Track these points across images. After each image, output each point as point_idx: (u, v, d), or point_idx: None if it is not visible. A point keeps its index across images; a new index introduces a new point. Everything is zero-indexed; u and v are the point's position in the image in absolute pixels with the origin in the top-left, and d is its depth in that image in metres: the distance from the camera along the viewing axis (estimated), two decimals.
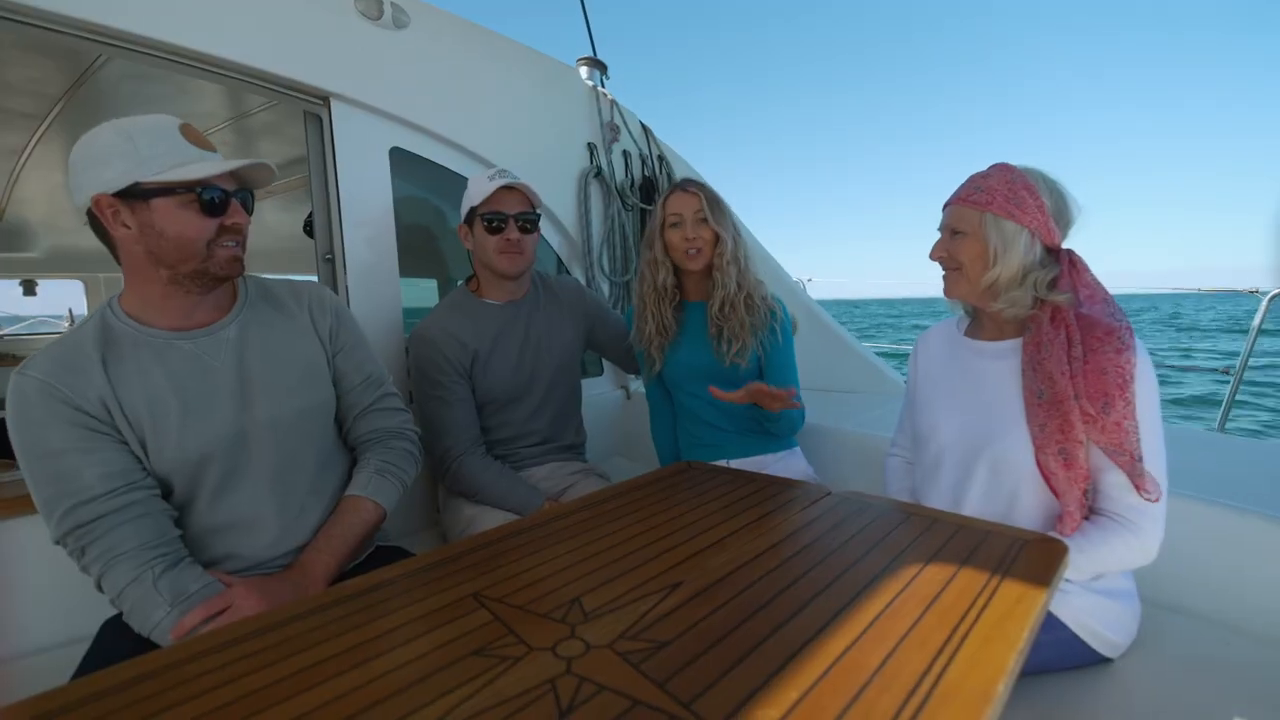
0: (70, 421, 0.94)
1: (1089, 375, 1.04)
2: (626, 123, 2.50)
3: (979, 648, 0.62)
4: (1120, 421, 1.02)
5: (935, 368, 1.32)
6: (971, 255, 1.14)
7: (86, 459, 0.94)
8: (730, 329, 1.56)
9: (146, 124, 0.98)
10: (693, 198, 1.57)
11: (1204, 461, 1.48)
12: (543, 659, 0.64)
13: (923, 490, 1.28)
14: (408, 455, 1.28)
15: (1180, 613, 1.25)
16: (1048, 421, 1.06)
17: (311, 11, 1.63)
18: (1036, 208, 1.10)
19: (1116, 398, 1.02)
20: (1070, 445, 1.04)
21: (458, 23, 1.96)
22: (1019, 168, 1.14)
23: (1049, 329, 1.09)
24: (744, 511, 1.05)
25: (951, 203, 1.18)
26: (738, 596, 0.75)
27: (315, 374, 1.18)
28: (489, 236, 1.55)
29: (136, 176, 0.95)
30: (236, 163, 1.01)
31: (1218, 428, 2.78)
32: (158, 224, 0.97)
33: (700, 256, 1.57)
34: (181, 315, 1.06)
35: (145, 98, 2.26)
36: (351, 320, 1.28)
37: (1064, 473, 1.05)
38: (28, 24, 1.29)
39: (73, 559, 0.96)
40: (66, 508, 0.93)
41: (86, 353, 0.97)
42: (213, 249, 1.01)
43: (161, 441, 1.00)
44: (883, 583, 0.77)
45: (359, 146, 1.74)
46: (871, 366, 2.62)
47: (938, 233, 1.22)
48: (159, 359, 1.02)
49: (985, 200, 1.12)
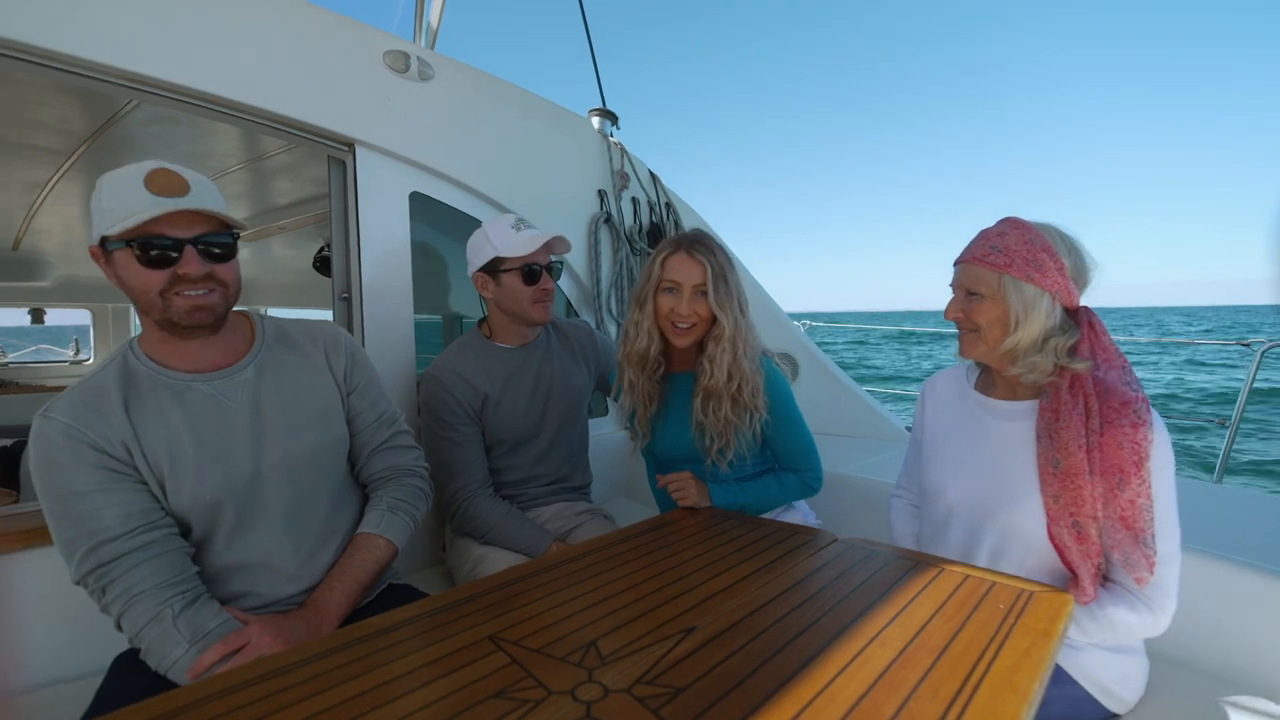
0: (93, 464, 0.95)
1: (1105, 449, 1.01)
2: (636, 170, 2.59)
3: (991, 698, 0.64)
4: (1134, 499, 0.99)
5: (944, 419, 1.29)
6: (990, 319, 1.10)
7: (107, 499, 0.96)
8: (713, 426, 1.39)
9: (118, 175, 0.97)
10: (697, 266, 1.36)
11: (1203, 514, 1.50)
12: (562, 703, 0.65)
13: (930, 545, 1.28)
14: (419, 492, 1.29)
15: (1188, 668, 1.25)
16: (1061, 493, 1.04)
17: (341, 63, 1.71)
18: (1057, 270, 1.07)
19: (1131, 475, 0.99)
20: (1083, 519, 1.02)
21: (479, 75, 2.05)
22: (1034, 226, 1.10)
23: (1067, 397, 1.05)
24: (754, 556, 1.06)
25: (966, 261, 1.14)
26: (752, 642, 0.76)
27: (329, 413, 1.19)
28: (524, 288, 1.57)
29: (101, 230, 0.96)
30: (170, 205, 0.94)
31: (1215, 480, 2.79)
32: (121, 276, 0.98)
33: (690, 334, 1.38)
34: (197, 358, 1.07)
35: (167, 139, 2.34)
36: (365, 360, 1.29)
37: (1077, 546, 1.03)
38: (63, 70, 1.34)
39: (93, 599, 0.96)
40: (88, 548, 0.94)
41: (109, 395, 0.99)
42: (168, 299, 0.98)
43: (179, 482, 1.01)
44: (893, 631, 0.79)
45: (380, 191, 1.80)
46: (871, 411, 2.64)
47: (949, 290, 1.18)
48: (178, 401, 1.04)
49: (1004, 262, 1.08)
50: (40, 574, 1.26)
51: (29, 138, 2.29)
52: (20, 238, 3.57)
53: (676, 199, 2.70)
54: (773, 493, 1.49)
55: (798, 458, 1.51)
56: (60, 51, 1.30)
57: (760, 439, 1.49)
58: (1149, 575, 1.00)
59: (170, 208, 0.94)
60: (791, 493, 1.51)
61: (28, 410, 1.02)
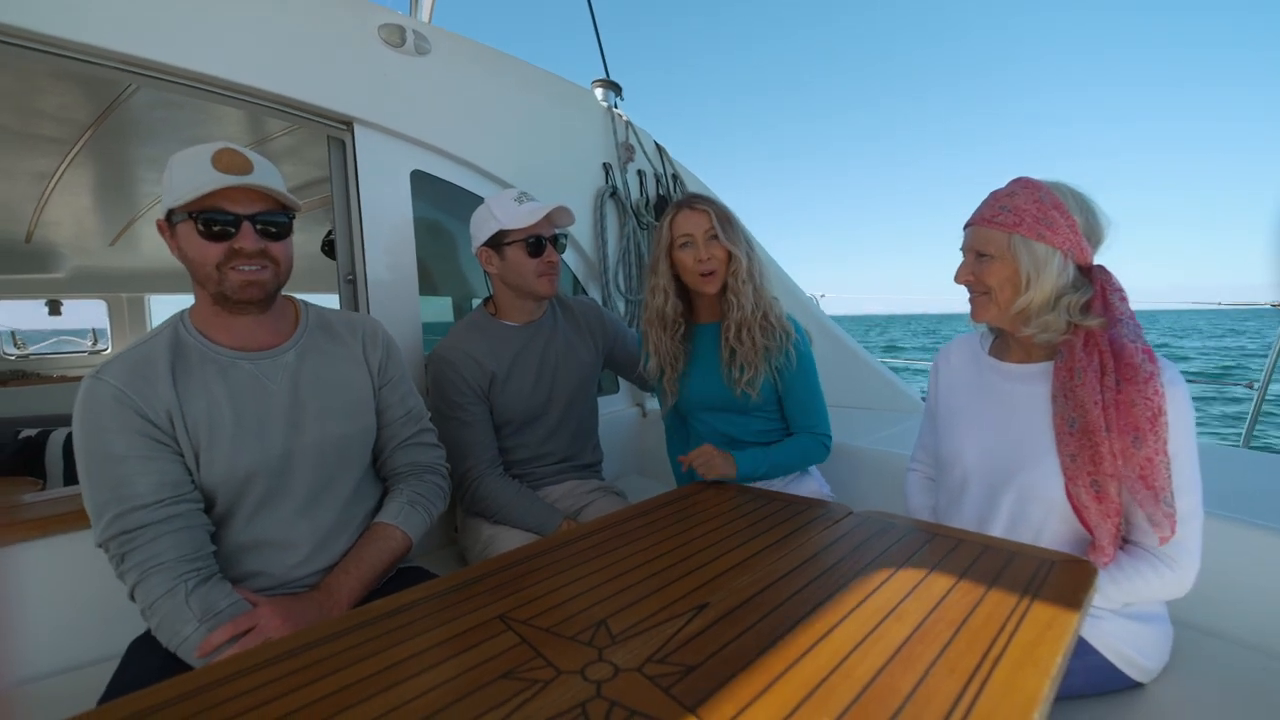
0: (136, 430, 0.98)
1: (1120, 407, 1.00)
2: (641, 142, 2.53)
3: (1012, 673, 0.62)
4: (1151, 457, 0.98)
5: (958, 387, 1.28)
6: (1001, 279, 1.09)
7: (144, 467, 0.98)
8: (744, 354, 1.48)
9: (188, 152, 1.02)
10: (702, 215, 1.48)
11: (1230, 479, 1.46)
12: (572, 682, 0.64)
13: (946, 514, 1.26)
14: (438, 490, 1.31)
15: (1213, 635, 1.23)
16: (1079, 452, 1.03)
17: (336, 40, 1.67)
18: (1068, 227, 1.05)
19: (1147, 431, 0.98)
20: (1102, 478, 1.01)
21: (477, 48, 2.00)
22: (1045, 183, 1.08)
23: (1082, 355, 1.04)
24: (767, 531, 1.05)
25: (975, 223, 1.13)
26: (765, 618, 0.75)
27: (361, 403, 1.23)
28: (528, 260, 1.56)
29: (168, 203, 1.02)
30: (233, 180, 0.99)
31: (1242, 443, 2.73)
32: (182, 247, 1.04)
33: (715, 277, 1.49)
34: (244, 336, 1.11)
35: (171, 124, 2.33)
36: (399, 355, 1.32)
37: (1096, 505, 1.01)
38: (62, 55, 1.33)
39: (111, 564, 0.98)
40: (116, 513, 0.96)
41: (158, 363, 1.02)
42: (224, 272, 1.03)
43: (214, 455, 1.04)
44: (910, 605, 0.77)
45: (381, 170, 1.78)
46: (886, 382, 2.61)
47: (960, 254, 1.17)
48: (222, 376, 1.07)
49: (1013, 221, 1.06)
50: (61, 560, 1.28)
51: (32, 127, 2.29)
52: (32, 230, 3.60)
53: (684, 170, 2.65)
54: (792, 455, 1.53)
55: (811, 415, 1.57)
56: (57, 36, 1.29)
57: (776, 395, 1.56)
58: (1170, 533, 0.99)
59: (232, 183, 0.99)
60: (809, 454, 1.55)
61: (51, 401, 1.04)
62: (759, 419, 1.59)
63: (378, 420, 1.26)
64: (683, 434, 1.76)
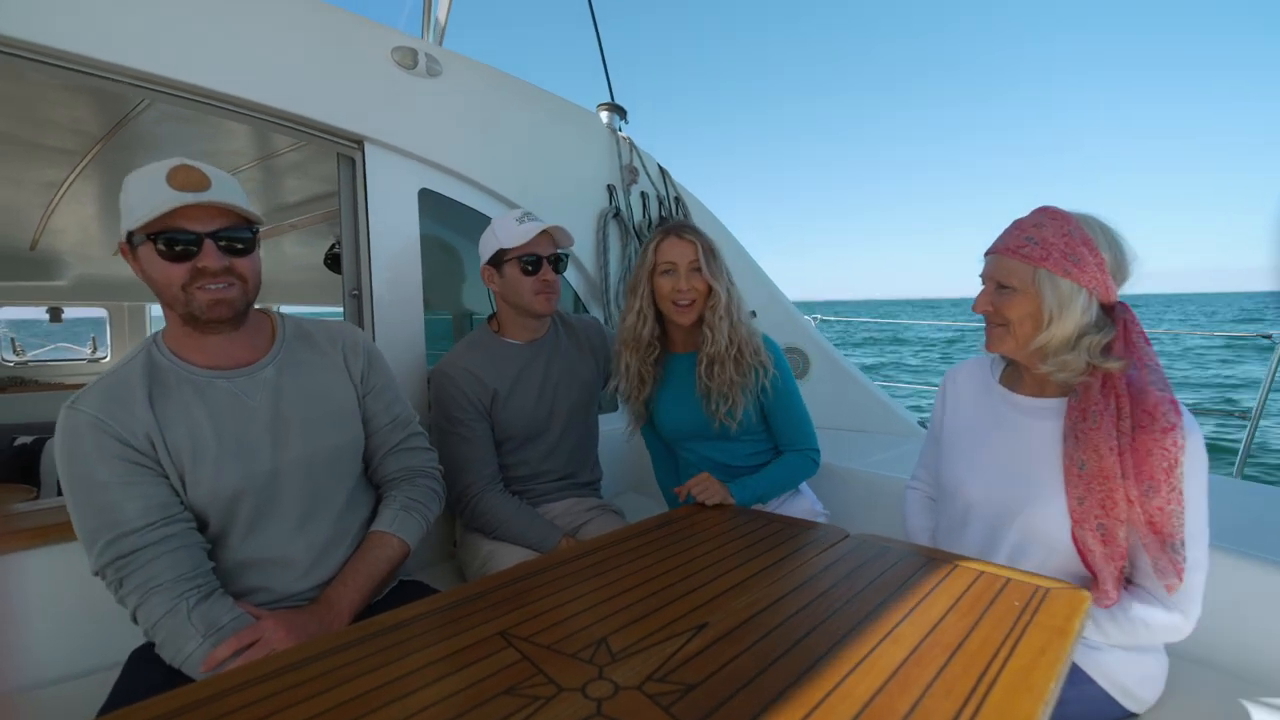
0: (117, 456, 0.97)
1: (1136, 454, 0.97)
2: (645, 165, 2.57)
3: (1006, 698, 0.63)
4: (1164, 506, 0.96)
5: (965, 412, 1.25)
6: (1021, 314, 1.05)
7: (129, 492, 0.97)
8: (718, 388, 1.48)
9: (142, 172, 1.00)
10: (688, 245, 1.49)
11: (1225, 510, 1.47)
12: (573, 700, 0.65)
13: (946, 543, 1.25)
14: (432, 493, 1.31)
15: (1208, 666, 1.23)
16: (1087, 495, 1.00)
17: (350, 60, 1.71)
18: (1096, 265, 1.01)
19: (1162, 482, 0.95)
20: (1110, 522, 0.99)
21: (487, 71, 2.05)
22: (1074, 216, 1.04)
23: (1099, 398, 1.01)
24: (764, 553, 1.06)
25: (998, 251, 1.09)
26: (763, 639, 0.76)
27: (346, 414, 1.21)
28: (524, 278, 1.58)
29: (126, 225, 0.99)
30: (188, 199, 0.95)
31: (1235, 474, 2.75)
32: (145, 270, 1.01)
33: (692, 309, 1.49)
34: (219, 354, 1.09)
35: (181, 139, 2.35)
36: (382, 362, 1.31)
37: (1101, 549, 1.00)
38: (76, 70, 1.35)
39: (110, 590, 0.98)
40: (108, 539, 0.96)
41: (134, 388, 1.01)
42: (190, 293, 1.00)
43: (199, 476, 1.03)
44: (906, 628, 0.78)
45: (390, 188, 1.80)
46: (882, 405, 2.62)
47: (980, 281, 1.14)
48: (200, 397, 1.05)
49: (1040, 255, 1.02)
50: (59, 569, 1.28)
51: (43, 138, 2.31)
52: (37, 238, 3.61)
53: (686, 193, 2.69)
54: (784, 474, 1.56)
55: (797, 434, 1.59)
56: (71, 51, 1.31)
57: (761, 416, 1.58)
58: (1178, 581, 0.97)
59: (188, 201, 0.96)
60: (800, 470, 1.58)
61: (47, 408, 1.04)
62: (747, 443, 1.61)
63: (365, 429, 1.25)
64: (670, 462, 1.76)
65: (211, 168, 1.02)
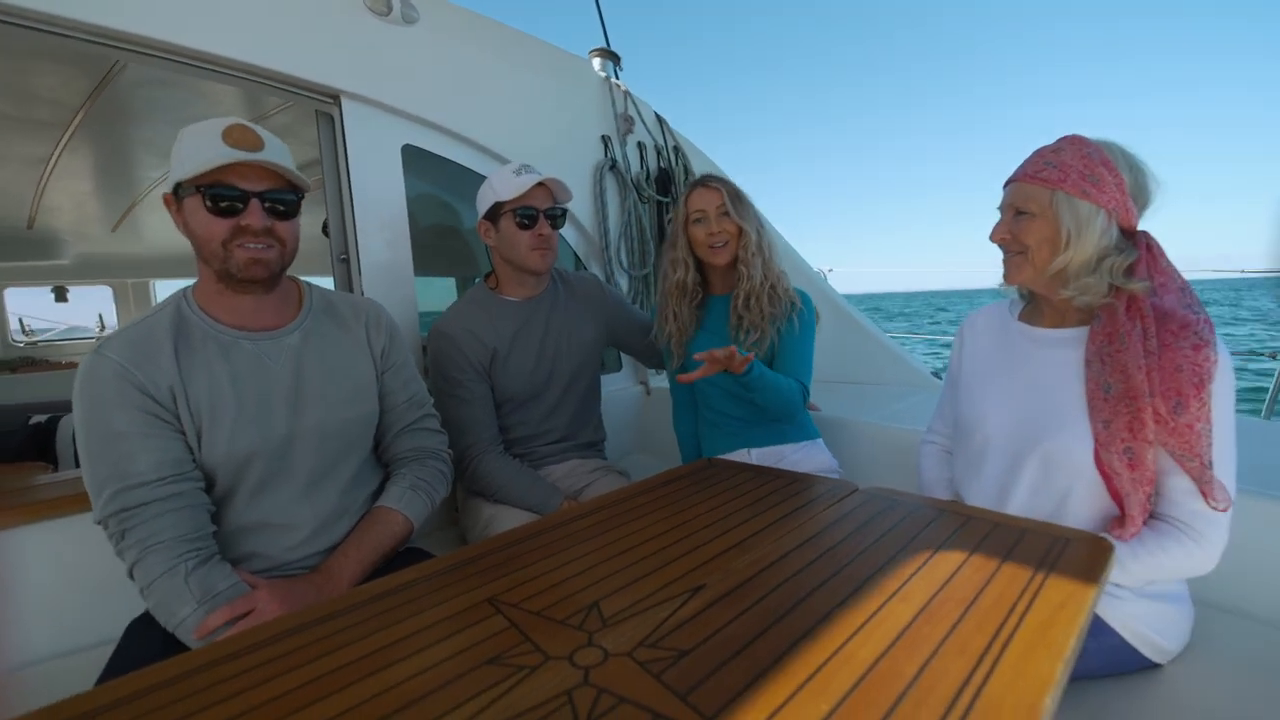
0: (138, 406, 0.97)
1: (1163, 372, 0.96)
2: (641, 114, 2.46)
3: (1022, 656, 0.58)
4: (1193, 424, 0.93)
5: (984, 352, 1.23)
6: (1039, 238, 1.04)
7: (145, 444, 0.97)
8: (750, 319, 1.57)
9: (198, 126, 1.02)
10: (714, 193, 1.59)
11: (1252, 451, 1.40)
12: (559, 668, 0.61)
13: (963, 482, 1.22)
14: (440, 475, 1.31)
15: (1234, 614, 1.19)
16: (1114, 418, 0.98)
17: (319, 9, 1.61)
18: (1115, 185, 1.00)
19: (1191, 398, 0.93)
20: (1138, 445, 0.96)
21: (467, 16, 1.94)
22: (1094, 141, 1.03)
23: (1125, 319, 0.99)
24: (768, 510, 1.01)
25: (1016, 179, 1.07)
26: (763, 600, 0.72)
27: (364, 388, 1.22)
28: (520, 232, 1.52)
29: (176, 176, 1.01)
30: (242, 156, 0.98)
31: (1264, 415, 2.67)
32: (188, 222, 1.03)
33: (725, 250, 1.59)
34: (247, 315, 1.10)
35: (164, 104, 2.28)
36: (403, 340, 1.32)
37: (1129, 474, 0.97)
38: (46, 31, 1.30)
39: (110, 541, 0.97)
40: (115, 489, 0.95)
41: (161, 340, 1.01)
42: (229, 250, 1.02)
43: (215, 435, 1.03)
44: (916, 585, 0.73)
45: (371, 145, 1.73)
46: (896, 357, 2.56)
47: (998, 212, 1.12)
48: (224, 355, 1.06)
49: (1057, 178, 1.01)
50: (72, 540, 1.27)
51: (23, 110, 2.26)
52: (33, 216, 3.59)
53: (685, 142, 2.58)
54: (780, 383, 1.54)
55: (799, 370, 1.62)
56: (39, 10, 1.26)
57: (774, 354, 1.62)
58: (1222, 501, 0.95)
59: (240, 158, 0.98)
60: (791, 393, 1.57)
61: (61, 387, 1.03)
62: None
63: (380, 405, 1.26)
64: (690, 403, 1.79)
65: (266, 131, 1.04)
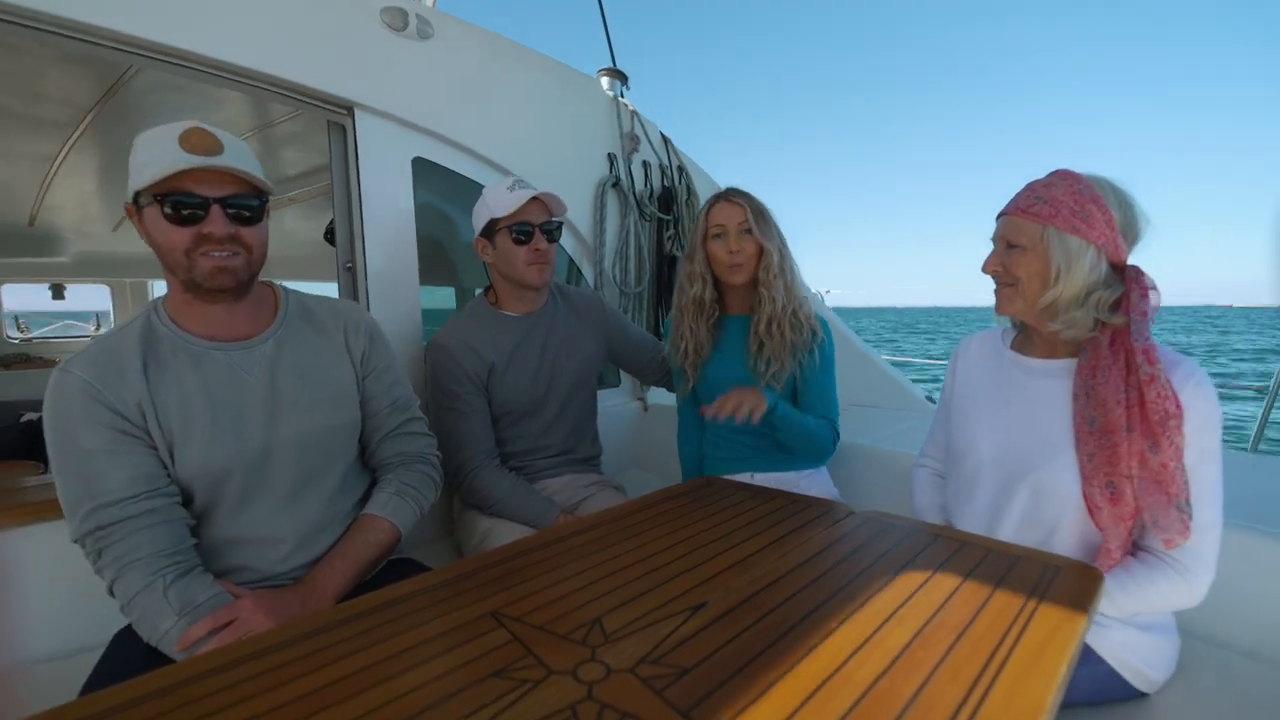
0: (106, 424, 0.95)
1: (1143, 409, 0.97)
2: (647, 133, 2.50)
3: (1016, 681, 0.60)
4: (1165, 463, 0.95)
5: (977, 379, 1.25)
6: (1029, 272, 1.06)
7: (115, 461, 0.95)
8: (772, 348, 1.50)
9: (154, 132, 0.98)
10: (737, 208, 1.51)
11: (1239, 484, 1.43)
12: (563, 683, 0.62)
13: (955, 509, 1.23)
14: (427, 479, 1.28)
15: (1220, 646, 1.21)
16: (1096, 452, 1.00)
17: (337, 23, 1.64)
18: (1105, 222, 1.02)
19: (1161, 438, 0.95)
20: (1118, 479, 0.98)
21: (481, 34, 1.97)
22: (1085, 176, 1.05)
23: (1107, 353, 1.02)
24: (766, 530, 1.03)
25: (1008, 213, 1.10)
26: (762, 620, 0.73)
27: (344, 395, 1.19)
28: (517, 248, 1.53)
29: (134, 185, 0.97)
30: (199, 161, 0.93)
31: (1250, 448, 2.70)
32: (150, 232, 0.99)
33: (743, 270, 1.51)
34: (219, 325, 1.07)
35: (174, 107, 2.30)
36: (384, 343, 1.29)
37: (1110, 508, 0.99)
38: (62, 35, 1.31)
39: (88, 560, 0.96)
40: (89, 508, 0.94)
41: (128, 356, 0.99)
42: (193, 259, 0.98)
43: (188, 450, 1.01)
44: (911, 608, 0.75)
45: (382, 156, 1.75)
46: (892, 381, 2.58)
47: (990, 243, 1.14)
48: (195, 367, 1.03)
49: (1048, 213, 1.03)
50: (45, 547, 1.27)
51: (34, 110, 2.28)
52: (35, 214, 3.59)
53: (689, 162, 2.62)
54: (808, 425, 1.51)
55: (827, 406, 1.57)
56: (56, 15, 1.27)
57: (795, 386, 1.56)
58: (1180, 539, 0.96)
59: (198, 164, 0.93)
60: (821, 434, 1.54)
61: None
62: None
63: (362, 411, 1.22)
64: (696, 423, 1.74)
65: (225, 133, 0.99)
